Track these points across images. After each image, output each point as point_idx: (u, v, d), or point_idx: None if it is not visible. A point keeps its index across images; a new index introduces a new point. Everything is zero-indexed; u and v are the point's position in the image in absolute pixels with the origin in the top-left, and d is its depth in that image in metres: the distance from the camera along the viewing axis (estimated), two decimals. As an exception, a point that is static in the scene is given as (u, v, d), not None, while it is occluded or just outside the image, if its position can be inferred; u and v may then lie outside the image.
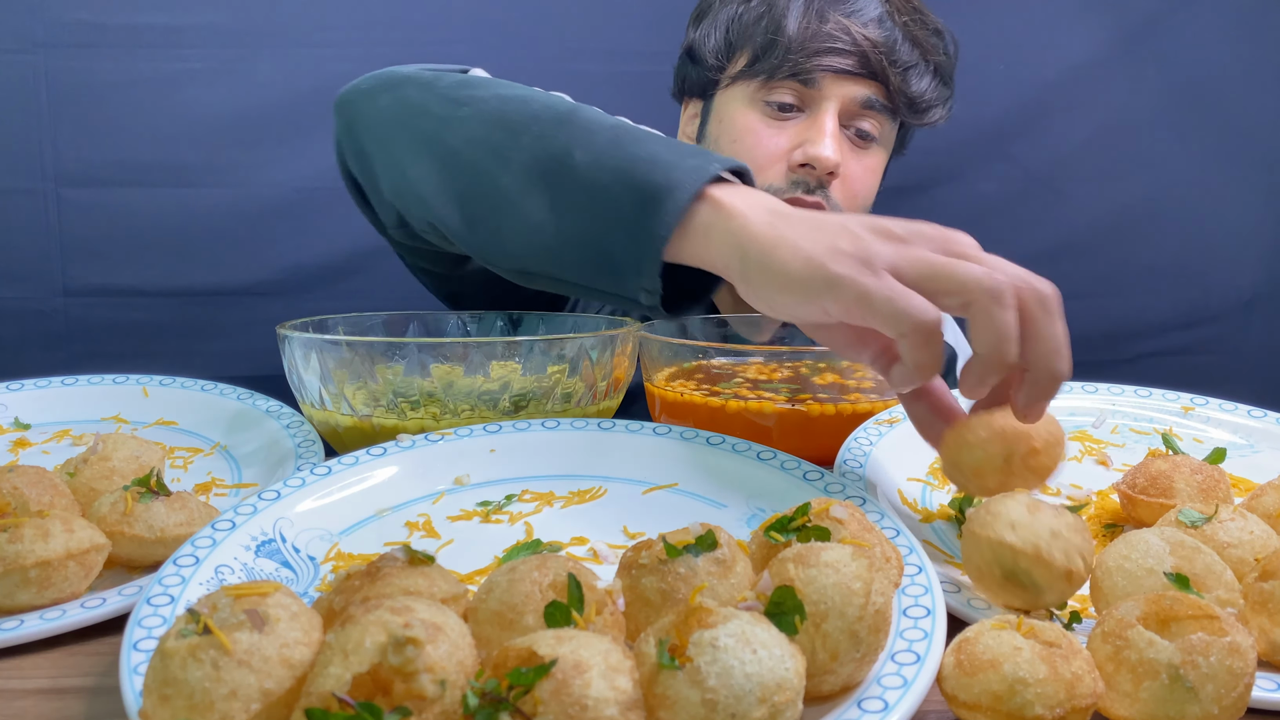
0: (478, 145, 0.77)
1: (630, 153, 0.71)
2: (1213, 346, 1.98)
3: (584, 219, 0.72)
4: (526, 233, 0.75)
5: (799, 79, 1.13)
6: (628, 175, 0.69)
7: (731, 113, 1.18)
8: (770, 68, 1.13)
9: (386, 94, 0.86)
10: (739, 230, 0.64)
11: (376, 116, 0.86)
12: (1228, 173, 1.92)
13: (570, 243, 0.73)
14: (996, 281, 0.56)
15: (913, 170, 1.87)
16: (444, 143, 0.80)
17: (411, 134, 0.83)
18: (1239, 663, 0.45)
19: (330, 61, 1.73)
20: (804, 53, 1.11)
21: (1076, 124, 1.88)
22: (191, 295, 1.76)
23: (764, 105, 1.15)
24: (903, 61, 1.14)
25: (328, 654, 0.41)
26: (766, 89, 1.15)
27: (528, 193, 0.74)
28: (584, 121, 0.75)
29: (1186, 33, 1.86)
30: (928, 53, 1.16)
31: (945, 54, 1.19)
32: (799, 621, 0.45)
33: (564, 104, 0.78)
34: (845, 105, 1.14)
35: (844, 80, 1.13)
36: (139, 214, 1.73)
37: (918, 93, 1.16)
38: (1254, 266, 1.96)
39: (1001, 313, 0.56)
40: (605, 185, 0.70)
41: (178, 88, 1.70)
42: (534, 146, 0.74)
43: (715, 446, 0.73)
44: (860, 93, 1.14)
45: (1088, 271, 1.93)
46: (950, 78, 1.22)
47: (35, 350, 1.71)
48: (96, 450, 0.71)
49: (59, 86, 1.67)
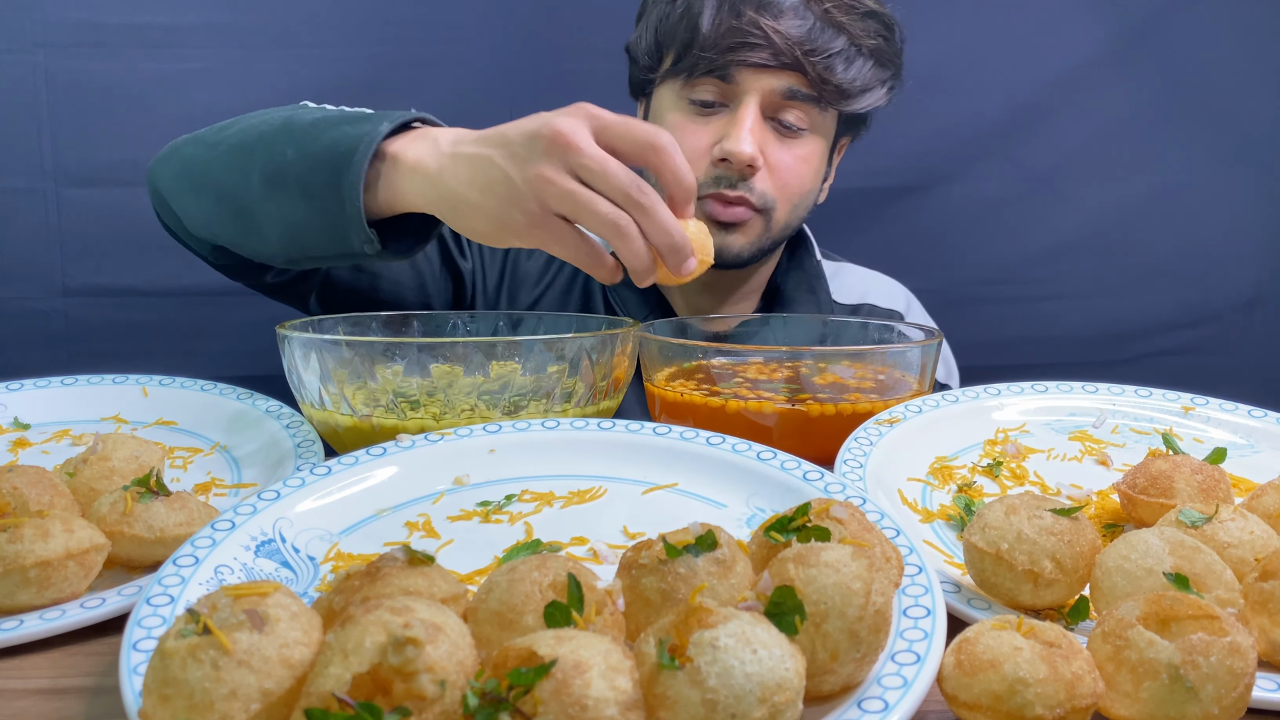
0: (230, 171, 0.94)
1: (325, 138, 0.87)
2: (1213, 346, 1.98)
3: (304, 204, 0.87)
4: (277, 229, 0.91)
5: (716, 75, 1.14)
6: (324, 158, 0.85)
7: (662, 111, 1.21)
8: (689, 66, 1.15)
9: (172, 156, 1.03)
10: (420, 178, 0.83)
11: (168, 175, 1.02)
12: (1228, 173, 1.92)
13: (304, 226, 0.89)
14: (615, 217, 0.76)
15: (913, 170, 1.88)
16: (210, 178, 0.96)
17: (190, 180, 0.99)
18: (1239, 663, 0.45)
19: (330, 61, 1.74)
20: (717, 49, 1.12)
21: (1076, 124, 1.87)
22: (191, 295, 1.76)
23: (688, 103, 1.17)
24: (823, 50, 1.12)
25: (328, 654, 0.41)
26: (689, 87, 1.17)
27: (268, 197, 0.90)
28: (295, 125, 0.91)
29: (1186, 33, 1.85)
30: (856, 37, 1.14)
31: (883, 36, 1.17)
32: (799, 621, 0.45)
33: (283, 115, 0.94)
34: (767, 98, 1.14)
35: (762, 73, 1.13)
36: (139, 214, 1.71)
37: (845, 80, 1.15)
38: (1254, 266, 1.96)
39: (626, 243, 0.77)
40: (310, 171, 0.86)
41: (178, 88, 1.70)
42: (263, 159, 0.90)
43: (715, 446, 0.73)
44: (780, 84, 1.13)
45: (1088, 271, 1.92)
46: (890, 59, 1.20)
47: (35, 350, 1.71)
48: (96, 450, 0.71)
49: (59, 86, 1.67)
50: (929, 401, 0.86)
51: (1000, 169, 1.88)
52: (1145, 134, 1.89)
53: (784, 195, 1.19)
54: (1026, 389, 0.91)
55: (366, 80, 1.74)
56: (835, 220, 1.84)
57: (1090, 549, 0.56)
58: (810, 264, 1.36)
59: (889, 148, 1.86)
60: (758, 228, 1.19)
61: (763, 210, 1.17)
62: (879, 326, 1.09)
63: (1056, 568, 0.55)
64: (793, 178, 1.19)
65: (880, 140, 1.86)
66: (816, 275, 1.35)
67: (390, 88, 1.74)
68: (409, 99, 1.74)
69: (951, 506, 0.73)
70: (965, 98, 1.85)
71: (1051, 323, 1.94)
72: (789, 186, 1.19)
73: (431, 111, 0.91)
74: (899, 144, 1.86)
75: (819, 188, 1.27)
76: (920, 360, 0.93)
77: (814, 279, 1.34)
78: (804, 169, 1.20)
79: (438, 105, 1.74)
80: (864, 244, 1.68)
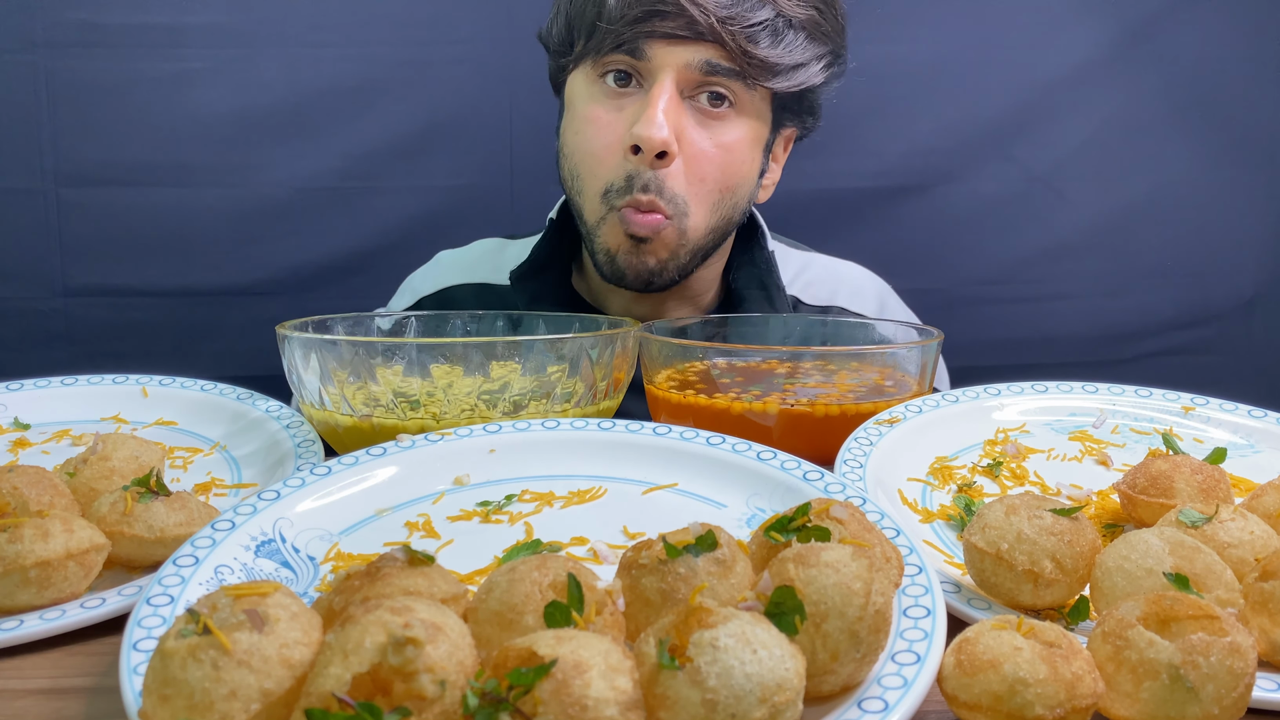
0: None
1: None
2: (1213, 346, 1.98)
3: None
4: None
5: (624, 50, 1.03)
6: None
7: (574, 100, 1.11)
8: (597, 44, 1.05)
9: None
10: None
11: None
12: (1228, 173, 1.92)
13: None
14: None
15: (913, 170, 1.88)
16: None
17: None
18: (1239, 663, 0.45)
19: (330, 61, 1.74)
20: (625, 21, 1.02)
21: (1076, 124, 1.88)
22: (191, 295, 1.76)
23: (601, 84, 1.07)
24: (742, 19, 1.01)
25: (328, 654, 0.41)
26: (600, 65, 1.07)
27: None
28: None
29: (1186, 33, 1.86)
30: (783, 9, 1.03)
31: (815, 7, 1.06)
32: (799, 621, 0.45)
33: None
34: (683, 74, 1.03)
35: (675, 45, 1.02)
36: (139, 214, 1.73)
37: (770, 54, 1.03)
38: (1254, 266, 1.97)
39: None
40: None
41: (178, 88, 1.70)
42: None
43: (715, 446, 0.73)
44: (696, 58, 1.02)
45: (1088, 271, 1.93)
46: (830, 33, 1.09)
47: (35, 350, 1.71)
48: (96, 450, 0.71)
49: (59, 86, 1.68)
50: (929, 401, 0.86)
51: (1000, 169, 1.88)
52: (1145, 134, 1.89)
53: (700, 189, 1.07)
54: (1026, 389, 0.91)
55: (366, 80, 1.74)
56: (835, 220, 1.85)
57: (1090, 549, 0.56)
58: (761, 257, 1.23)
59: (889, 148, 1.87)
60: (671, 239, 1.07)
61: (674, 216, 1.06)
62: (878, 326, 1.09)
63: (1056, 568, 0.55)
64: (712, 168, 1.06)
65: (880, 140, 1.87)
66: (768, 270, 1.22)
67: (390, 88, 1.74)
68: (409, 99, 1.75)
69: (951, 506, 0.73)
70: (965, 98, 1.85)
71: (1051, 323, 1.94)
72: (707, 180, 1.07)
73: (431, 111, 0.89)
74: (899, 144, 1.86)
75: (753, 182, 1.14)
76: (920, 360, 0.93)
77: (765, 274, 1.22)
78: (728, 158, 1.07)
79: (438, 105, 1.75)
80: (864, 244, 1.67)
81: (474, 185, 1.78)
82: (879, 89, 1.78)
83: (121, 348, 1.73)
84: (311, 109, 1.74)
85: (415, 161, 1.76)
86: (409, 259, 1.41)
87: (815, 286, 1.30)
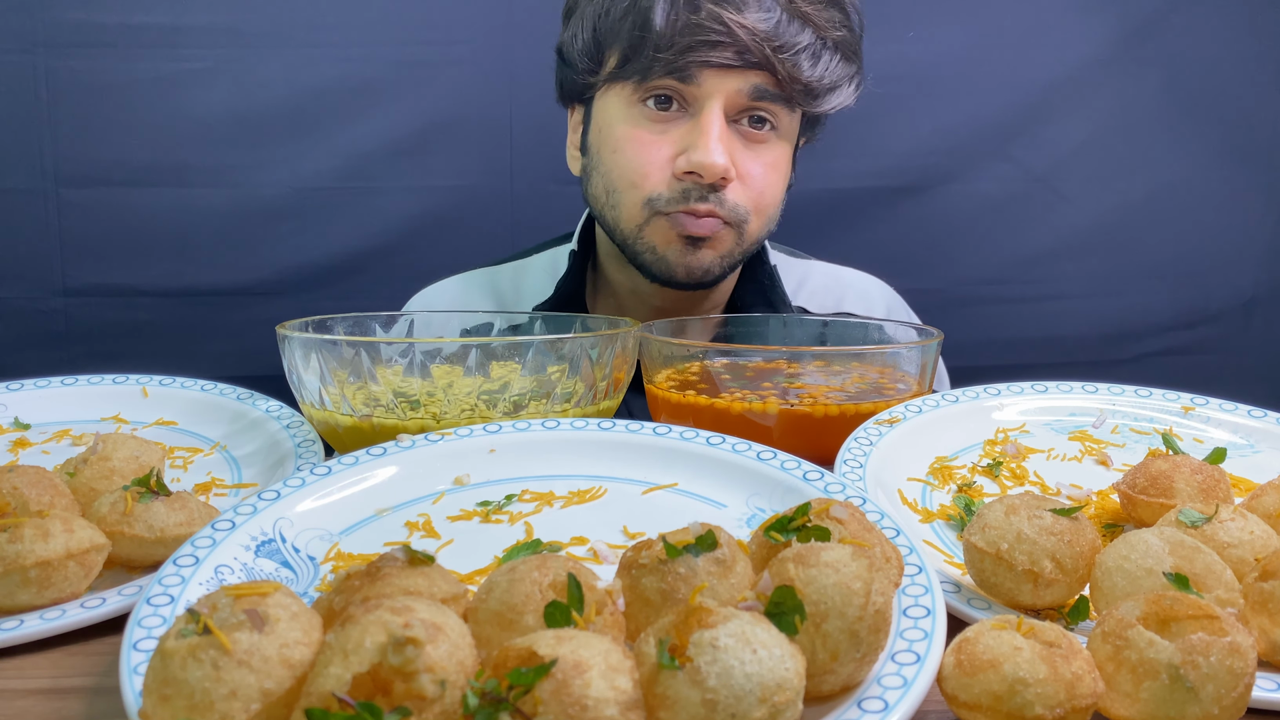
0: None
1: None
2: (1213, 346, 1.98)
3: None
4: None
5: (674, 77, 1.02)
6: None
7: (610, 120, 1.09)
8: (642, 68, 1.03)
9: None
10: None
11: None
12: (1228, 173, 1.92)
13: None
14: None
15: (913, 170, 1.88)
16: None
17: None
18: (1239, 663, 0.45)
19: (330, 61, 1.74)
20: (675, 49, 1.00)
21: (1076, 124, 1.88)
22: (191, 295, 1.76)
23: (642, 106, 1.06)
24: (791, 45, 1.01)
25: (328, 654, 0.41)
26: (643, 89, 1.05)
27: None
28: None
29: (1186, 33, 1.86)
30: (822, 30, 1.03)
31: (846, 27, 1.06)
32: (799, 621, 0.45)
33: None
34: (731, 99, 1.03)
35: (725, 74, 1.02)
36: (139, 214, 1.73)
37: (814, 77, 1.04)
38: (1254, 266, 1.97)
39: None
40: None
41: (178, 88, 1.70)
42: None
43: (715, 446, 0.73)
44: (746, 84, 1.03)
45: (1088, 271, 1.93)
46: (855, 52, 1.09)
47: (35, 350, 1.72)
48: (96, 450, 0.71)
49: (59, 86, 1.68)
50: (929, 401, 0.86)
51: (1000, 169, 1.88)
52: (1145, 134, 1.89)
53: (759, 204, 1.09)
54: (1026, 389, 0.91)
55: (366, 80, 1.74)
56: (835, 221, 1.85)
57: (1090, 549, 0.56)
58: (763, 273, 1.24)
59: (889, 148, 1.87)
60: (729, 241, 1.09)
61: (734, 224, 1.08)
62: (879, 326, 1.09)
63: (1056, 568, 0.55)
64: (765, 186, 1.09)
65: (880, 140, 1.87)
66: (771, 285, 1.24)
67: (390, 88, 1.74)
68: (409, 99, 1.75)
69: (951, 506, 0.73)
70: (965, 98, 1.85)
71: (1051, 323, 1.94)
72: (763, 196, 1.09)
73: (431, 111, 0.89)
74: (899, 144, 1.87)
75: (784, 196, 1.16)
76: (920, 360, 0.93)
77: (769, 289, 1.23)
78: (774, 176, 1.10)
79: (438, 105, 1.75)
80: (864, 244, 1.68)
81: (474, 185, 1.78)
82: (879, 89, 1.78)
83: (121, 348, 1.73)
84: (311, 109, 1.74)
85: (415, 161, 1.76)
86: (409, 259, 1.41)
87: (820, 295, 1.31)
